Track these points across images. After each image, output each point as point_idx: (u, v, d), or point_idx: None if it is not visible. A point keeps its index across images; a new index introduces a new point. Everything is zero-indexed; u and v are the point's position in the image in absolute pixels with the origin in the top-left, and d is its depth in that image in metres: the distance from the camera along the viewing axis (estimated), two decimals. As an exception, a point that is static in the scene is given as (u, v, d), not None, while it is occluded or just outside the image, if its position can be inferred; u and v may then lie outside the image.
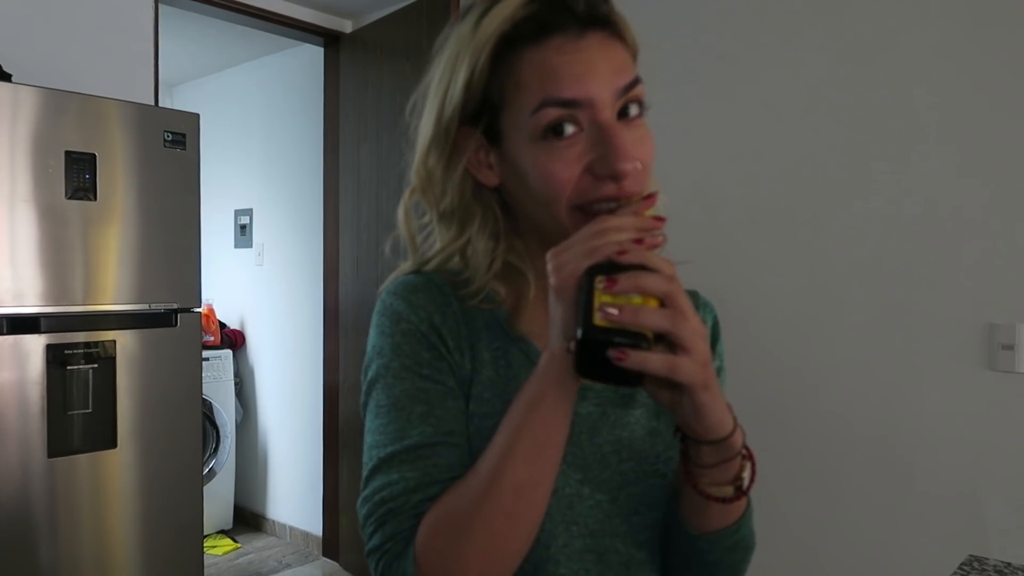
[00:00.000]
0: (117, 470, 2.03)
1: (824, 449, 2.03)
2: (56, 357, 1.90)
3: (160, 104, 2.63)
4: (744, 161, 2.18)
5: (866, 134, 1.96)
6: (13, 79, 2.03)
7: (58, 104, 1.93)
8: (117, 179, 2.03)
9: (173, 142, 2.13)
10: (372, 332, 0.71)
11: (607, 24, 0.66)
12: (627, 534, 0.71)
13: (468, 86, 0.67)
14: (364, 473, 0.66)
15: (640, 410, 0.74)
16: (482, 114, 0.68)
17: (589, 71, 0.64)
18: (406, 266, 0.76)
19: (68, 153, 1.93)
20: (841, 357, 2.00)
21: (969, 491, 1.81)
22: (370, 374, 0.69)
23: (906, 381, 1.90)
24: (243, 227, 4.01)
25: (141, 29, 2.54)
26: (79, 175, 1.95)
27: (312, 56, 3.45)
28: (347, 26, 3.27)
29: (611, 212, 0.63)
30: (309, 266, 3.54)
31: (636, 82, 0.66)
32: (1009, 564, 1.05)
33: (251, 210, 3.97)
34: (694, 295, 0.84)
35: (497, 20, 0.65)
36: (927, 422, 1.87)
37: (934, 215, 1.86)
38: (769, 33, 2.13)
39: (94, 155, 1.98)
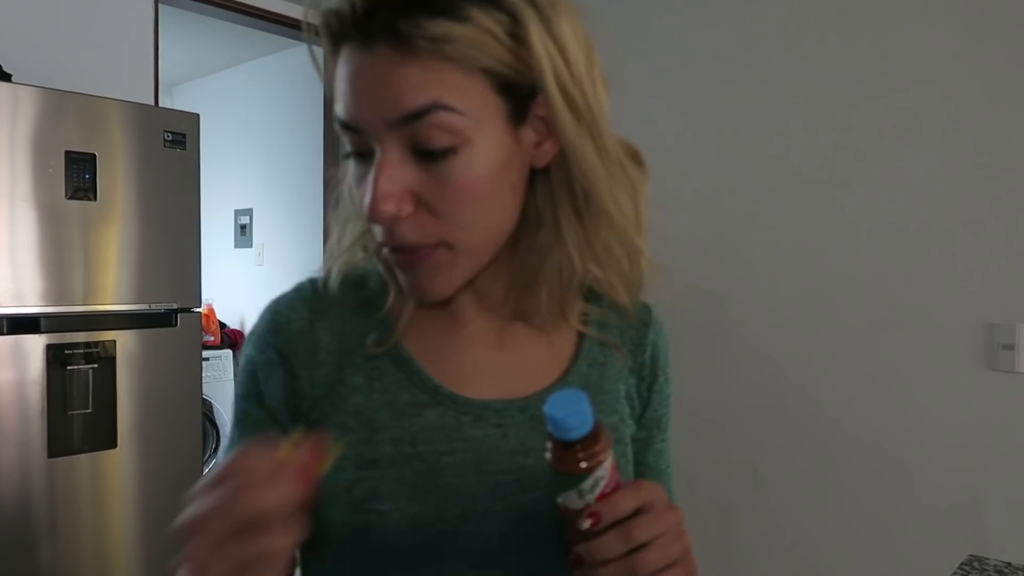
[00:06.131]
0: (117, 470, 2.03)
1: (824, 449, 2.03)
2: (56, 357, 1.90)
3: (160, 104, 2.63)
4: (743, 161, 2.18)
5: (866, 133, 1.96)
6: (13, 79, 2.02)
7: (58, 104, 1.93)
8: (117, 179, 2.03)
9: (173, 142, 2.13)
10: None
11: (395, 38, 0.52)
12: (518, 568, 0.62)
13: (326, 84, 0.62)
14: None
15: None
16: None
17: (354, 92, 0.55)
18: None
19: (68, 153, 1.93)
20: (841, 357, 2.00)
21: (969, 491, 1.81)
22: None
23: (906, 381, 1.90)
24: (243, 227, 4.01)
25: (141, 29, 2.54)
26: (79, 175, 1.95)
27: (312, 56, 3.44)
28: (347, 26, 3.27)
29: None
30: (309, 266, 3.53)
31: (422, 113, 0.52)
32: (1009, 564, 1.05)
33: (251, 210, 3.96)
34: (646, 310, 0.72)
35: (316, 18, 0.58)
36: (927, 422, 1.87)
37: (934, 215, 1.86)
38: (768, 32, 2.13)
39: (94, 155, 1.98)
